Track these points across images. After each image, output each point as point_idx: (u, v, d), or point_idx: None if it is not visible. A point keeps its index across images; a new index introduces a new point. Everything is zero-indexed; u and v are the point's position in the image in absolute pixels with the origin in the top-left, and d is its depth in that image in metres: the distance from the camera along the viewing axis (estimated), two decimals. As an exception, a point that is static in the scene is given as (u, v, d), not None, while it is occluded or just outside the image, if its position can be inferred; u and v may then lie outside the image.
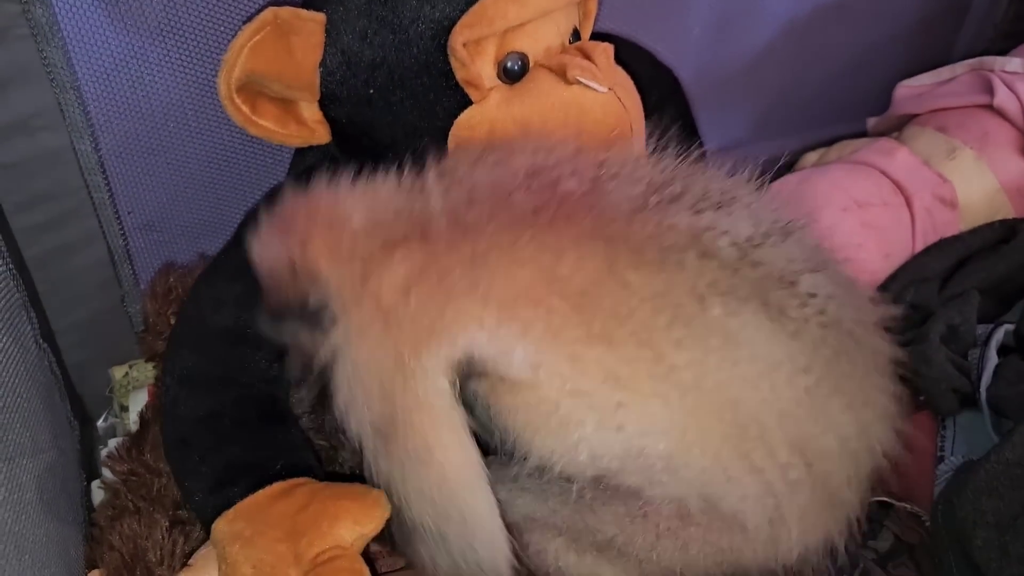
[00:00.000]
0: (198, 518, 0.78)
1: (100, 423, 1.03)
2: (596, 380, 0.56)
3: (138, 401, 0.97)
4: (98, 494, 0.90)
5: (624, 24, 0.88)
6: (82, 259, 0.92)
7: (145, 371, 0.98)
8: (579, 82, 0.76)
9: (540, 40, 0.79)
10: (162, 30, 0.83)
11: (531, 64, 0.78)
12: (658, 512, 0.62)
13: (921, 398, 0.95)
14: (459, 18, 0.74)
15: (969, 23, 1.39)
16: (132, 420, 0.96)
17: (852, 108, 1.33)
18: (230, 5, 0.84)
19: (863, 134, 1.29)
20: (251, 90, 0.77)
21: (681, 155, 0.68)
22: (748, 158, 1.26)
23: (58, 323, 0.95)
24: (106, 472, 0.88)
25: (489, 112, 0.77)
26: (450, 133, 0.77)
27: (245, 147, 0.94)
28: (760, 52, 1.23)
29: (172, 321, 0.91)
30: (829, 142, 1.29)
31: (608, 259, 0.57)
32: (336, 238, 0.65)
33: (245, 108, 0.77)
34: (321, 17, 0.76)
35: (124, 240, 0.93)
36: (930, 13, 1.33)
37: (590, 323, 0.56)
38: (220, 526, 0.73)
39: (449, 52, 0.75)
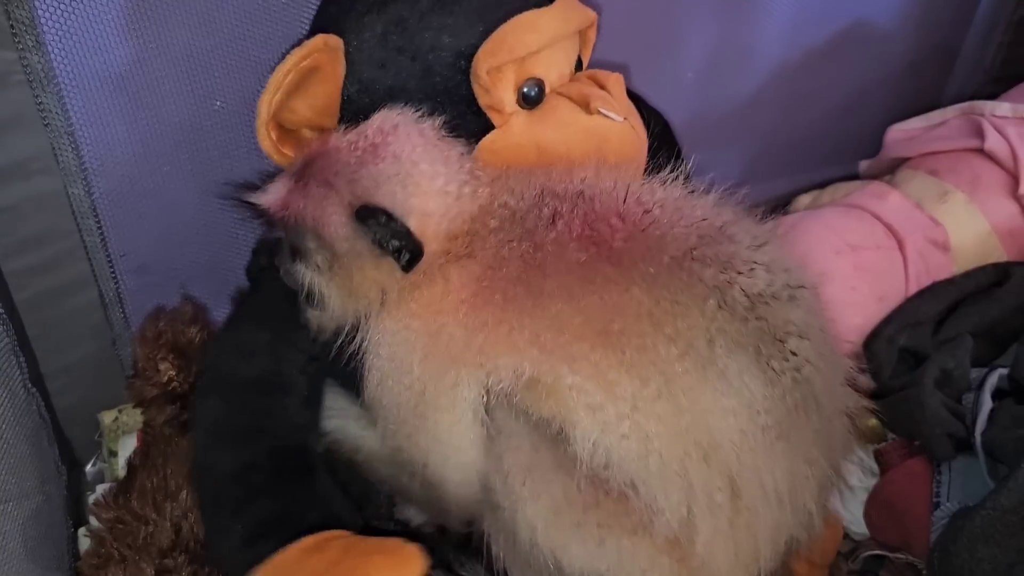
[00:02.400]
0: (228, 574, 0.77)
1: (88, 468, 1.02)
2: (617, 397, 0.66)
3: (127, 446, 0.96)
4: (84, 542, 0.89)
5: (617, 68, 0.89)
6: (73, 302, 0.92)
7: (134, 416, 0.97)
8: (600, 112, 0.80)
9: (554, 67, 0.82)
10: (157, 77, 0.83)
11: (546, 90, 0.81)
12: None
13: (916, 443, 0.95)
14: (475, 45, 0.77)
15: (959, 68, 1.40)
16: (120, 465, 0.95)
17: (844, 151, 1.34)
18: (223, 50, 0.85)
19: (855, 176, 1.30)
20: (274, 121, 0.79)
21: (723, 198, 0.75)
22: (742, 200, 1.30)
23: (48, 366, 0.94)
24: (92, 520, 0.87)
25: (512, 137, 0.80)
26: (472, 156, 0.79)
27: (238, 193, 0.93)
28: (752, 96, 1.24)
29: (160, 366, 0.91)
30: (821, 184, 1.30)
31: (647, 306, 0.66)
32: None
33: (274, 135, 0.79)
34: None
35: (116, 283, 0.93)
36: (920, 57, 1.34)
37: (621, 354, 0.66)
38: None
39: (472, 79, 0.77)
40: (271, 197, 0.75)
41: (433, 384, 0.72)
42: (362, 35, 0.77)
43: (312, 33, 0.79)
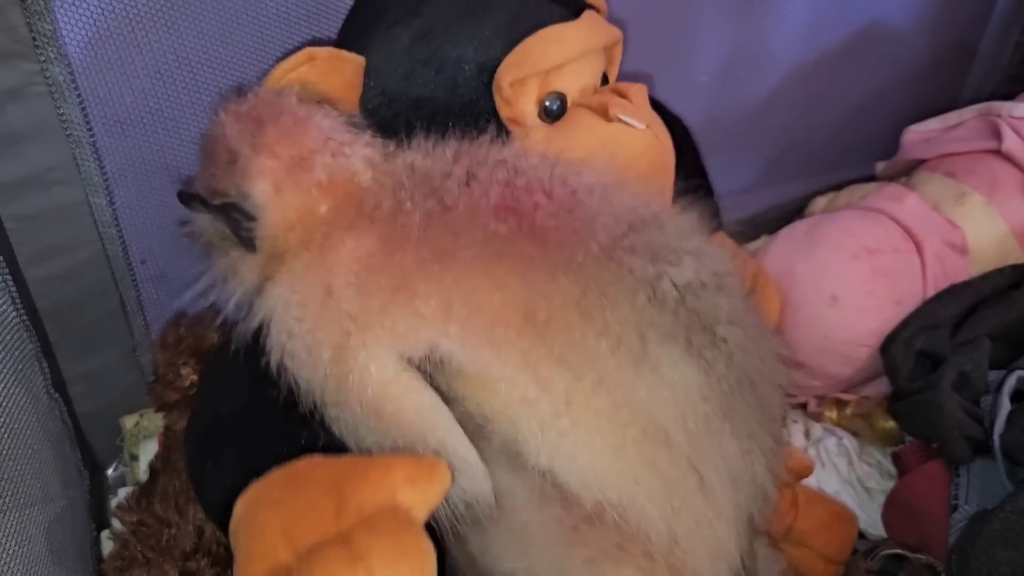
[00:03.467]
0: (215, 519, 0.74)
1: (110, 472, 1.04)
2: (551, 392, 0.63)
3: (148, 450, 0.97)
4: (107, 545, 0.91)
5: (632, 74, 0.90)
6: (95, 310, 0.93)
7: (155, 421, 0.99)
8: (620, 119, 0.79)
9: (577, 81, 0.82)
10: (176, 88, 0.84)
11: (569, 104, 0.81)
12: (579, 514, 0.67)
13: (934, 446, 0.95)
14: (500, 58, 0.77)
15: (976, 68, 1.39)
16: (142, 469, 0.96)
17: (860, 152, 1.33)
18: (242, 60, 0.86)
19: (872, 178, 1.30)
20: None
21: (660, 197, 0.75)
22: (755, 202, 1.30)
23: (70, 373, 0.95)
24: (115, 523, 0.88)
25: (532, 148, 0.78)
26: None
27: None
28: (768, 98, 1.24)
29: (182, 371, 0.91)
30: (838, 186, 1.30)
31: (575, 296, 0.64)
32: (303, 174, 0.71)
33: None
34: (361, 60, 0.79)
35: (136, 291, 0.94)
36: (936, 58, 1.34)
37: (550, 346, 0.63)
38: (242, 500, 0.65)
39: (495, 91, 0.77)
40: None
41: (330, 351, 0.65)
42: (389, 46, 0.78)
43: (337, 46, 0.80)
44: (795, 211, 1.32)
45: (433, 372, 0.66)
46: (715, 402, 0.66)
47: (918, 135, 1.22)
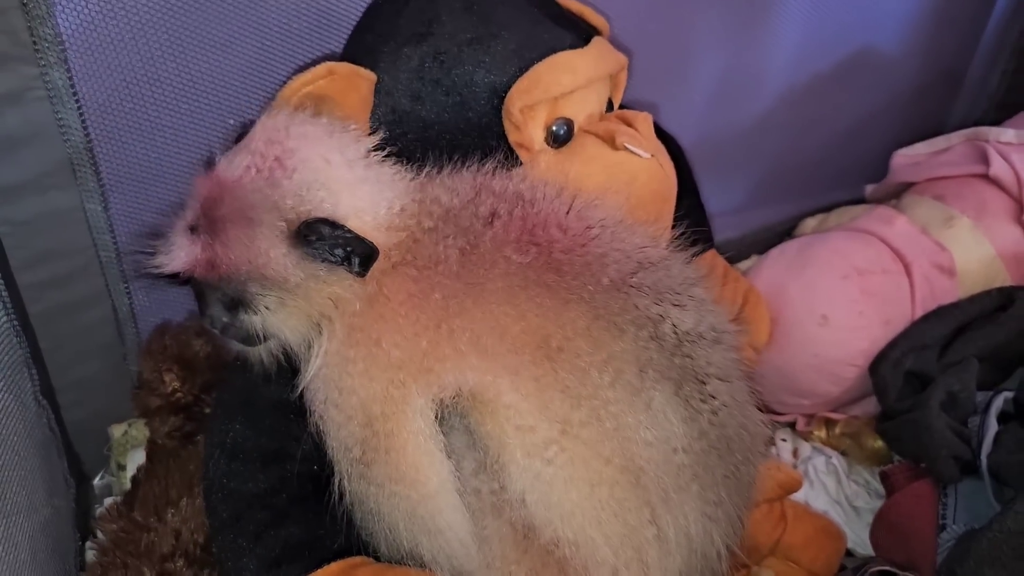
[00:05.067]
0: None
1: (97, 481, 1.03)
2: (550, 419, 0.65)
3: (136, 460, 0.97)
4: (92, 555, 0.89)
5: (628, 93, 0.90)
6: (86, 317, 0.92)
7: (144, 430, 0.98)
8: (626, 148, 0.80)
9: (585, 108, 0.82)
10: (176, 96, 0.84)
11: (575, 130, 0.81)
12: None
13: (922, 465, 0.95)
14: (509, 83, 0.77)
15: (964, 94, 1.42)
16: (129, 478, 0.95)
17: (850, 175, 1.35)
18: (243, 72, 0.86)
19: (861, 200, 1.31)
20: None
21: (669, 238, 0.76)
22: (746, 222, 1.31)
23: (59, 380, 0.95)
24: (98, 532, 0.88)
25: (540, 174, 0.79)
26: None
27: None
28: (760, 120, 1.25)
29: (165, 378, 0.91)
30: (828, 208, 1.31)
31: (587, 324, 0.66)
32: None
33: None
34: (373, 76, 0.78)
35: (129, 300, 0.94)
36: (926, 84, 1.36)
37: (557, 371, 0.65)
38: None
39: (504, 115, 0.78)
40: (180, 260, 0.69)
41: (379, 405, 0.67)
42: (398, 66, 0.78)
43: (344, 60, 0.80)
44: (785, 232, 1.33)
45: (452, 406, 0.67)
46: (692, 456, 0.67)
47: (907, 159, 1.23)
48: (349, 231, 0.67)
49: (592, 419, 0.65)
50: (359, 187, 0.69)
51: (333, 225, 0.66)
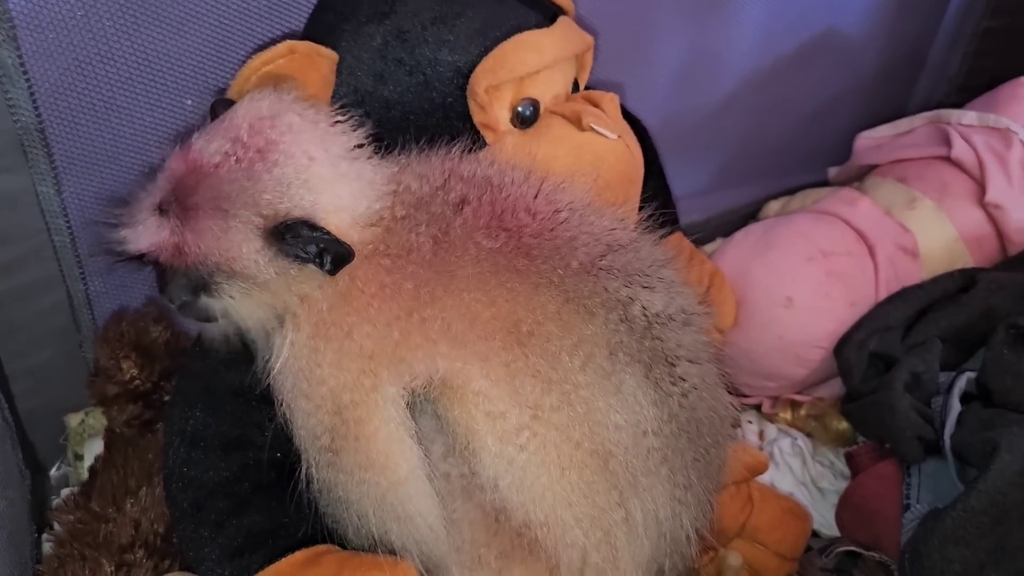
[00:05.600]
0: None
1: (53, 472, 1.00)
2: (521, 405, 0.65)
3: (93, 449, 0.94)
4: (49, 548, 0.87)
5: (591, 74, 0.90)
6: (40, 303, 0.90)
7: (101, 419, 0.96)
8: (593, 129, 0.79)
9: (550, 88, 0.81)
10: (131, 76, 0.82)
11: (541, 111, 0.80)
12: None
13: (886, 446, 0.96)
14: (474, 62, 0.76)
15: (925, 76, 1.43)
16: (87, 469, 0.93)
17: (813, 158, 1.35)
18: (200, 51, 0.84)
19: (824, 183, 1.32)
20: None
21: (637, 220, 0.75)
22: (710, 205, 1.31)
23: (12, 368, 0.92)
24: (55, 524, 0.86)
25: (505, 155, 0.78)
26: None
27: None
28: (723, 102, 1.25)
29: (123, 365, 0.89)
30: (791, 191, 1.31)
31: (557, 308, 0.66)
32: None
33: None
34: (334, 56, 0.77)
35: (84, 284, 0.91)
36: (888, 66, 1.36)
37: (527, 356, 0.65)
38: None
39: (469, 96, 0.76)
40: (145, 241, 0.66)
41: (349, 393, 0.66)
42: (360, 44, 0.77)
43: (305, 39, 0.78)
44: (749, 215, 1.33)
45: (422, 394, 0.67)
46: (661, 439, 0.67)
47: (870, 141, 1.24)
48: (327, 233, 0.65)
49: (563, 404, 0.65)
50: (340, 185, 0.67)
51: (312, 227, 0.65)
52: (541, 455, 0.65)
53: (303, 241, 0.65)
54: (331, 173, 0.67)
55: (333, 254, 0.65)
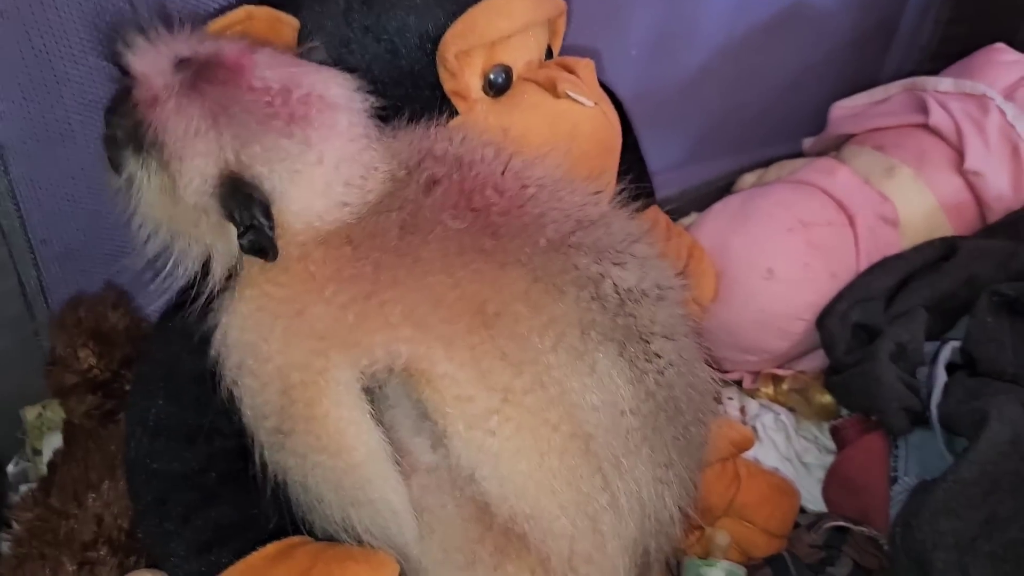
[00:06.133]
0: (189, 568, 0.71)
1: (11, 468, 0.96)
2: (489, 388, 0.62)
3: (52, 444, 0.91)
4: (6, 547, 0.84)
5: (563, 46, 0.88)
6: (-10, 292, 0.86)
7: (60, 411, 0.92)
8: (568, 96, 0.77)
9: (522, 54, 0.79)
10: (82, 47, 0.78)
11: (514, 78, 0.78)
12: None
13: (872, 418, 0.95)
14: (442, 28, 0.74)
15: (897, 44, 1.42)
16: (46, 464, 0.90)
17: (788, 129, 1.34)
18: (150, 22, 0.79)
19: (799, 154, 1.30)
20: None
21: (609, 194, 0.73)
22: (684, 179, 1.30)
23: (-38, 361, 0.88)
24: (14, 523, 0.83)
25: (477, 124, 0.76)
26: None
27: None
28: (696, 73, 1.23)
29: (80, 354, 0.86)
30: (766, 163, 1.30)
31: (525, 287, 0.64)
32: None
33: None
34: (295, 22, 0.74)
35: (37, 271, 0.88)
36: (860, 35, 1.35)
37: (495, 338, 0.62)
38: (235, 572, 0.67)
39: (439, 62, 0.74)
40: (142, 66, 0.64)
41: (298, 373, 0.64)
42: (324, 11, 0.74)
43: (263, 5, 0.75)
44: (724, 188, 1.32)
45: (383, 380, 0.64)
46: (639, 418, 0.65)
47: (845, 110, 1.22)
48: (270, 226, 0.64)
49: (535, 385, 0.62)
50: (320, 197, 0.66)
51: (264, 210, 0.64)
52: (516, 441, 0.63)
53: (244, 212, 0.63)
54: (322, 184, 0.66)
55: (257, 244, 0.64)
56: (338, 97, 0.68)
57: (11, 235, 0.84)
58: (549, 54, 0.85)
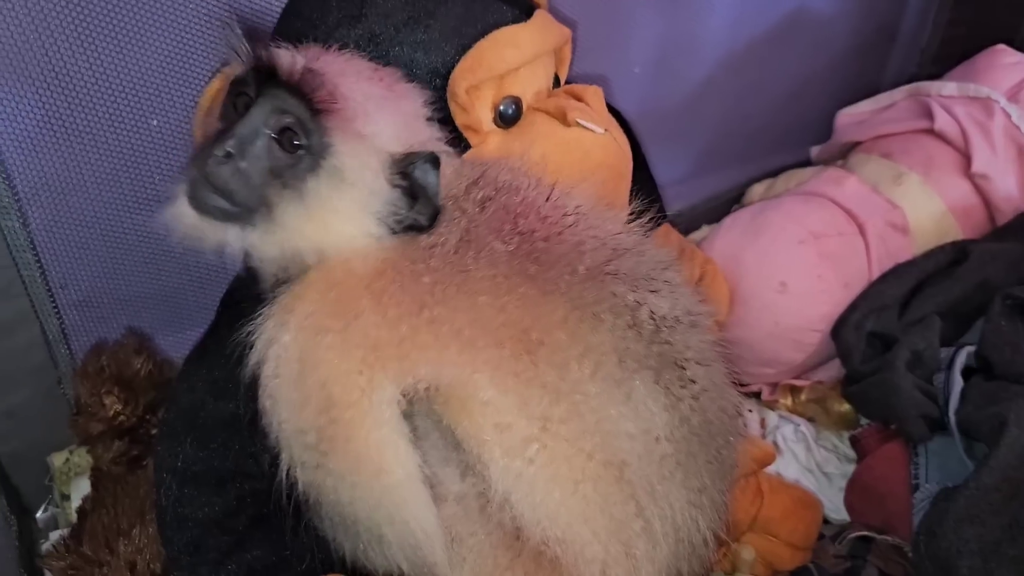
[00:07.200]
0: None
1: (40, 514, 0.97)
2: (529, 416, 0.62)
3: (80, 489, 0.91)
4: (39, 594, 0.85)
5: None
6: (13, 341, 0.87)
7: (87, 457, 0.92)
8: (578, 124, 0.77)
9: (532, 84, 0.79)
10: (91, 98, 0.79)
11: (524, 108, 0.78)
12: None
13: (891, 427, 0.95)
14: (450, 63, 0.74)
15: (898, 49, 1.42)
16: (75, 509, 0.90)
17: (794, 137, 1.34)
18: (161, 67, 0.81)
19: (806, 163, 1.30)
20: None
21: (639, 222, 0.73)
22: (693, 192, 1.30)
23: (-11, 411, 0.89)
24: (46, 572, 0.83)
25: (490, 155, 0.76)
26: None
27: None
28: (700, 87, 1.24)
29: (105, 401, 0.86)
30: (774, 172, 1.30)
31: (565, 315, 0.64)
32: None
33: None
34: None
35: (59, 319, 0.89)
36: (861, 41, 1.36)
37: (537, 366, 0.62)
38: None
39: (450, 98, 0.74)
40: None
41: (341, 388, 0.63)
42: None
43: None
44: (733, 199, 1.32)
45: (413, 412, 0.64)
46: (674, 444, 0.65)
47: (851, 118, 1.23)
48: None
49: (572, 415, 0.62)
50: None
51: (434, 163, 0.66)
52: (551, 468, 0.63)
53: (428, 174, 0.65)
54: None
55: (421, 219, 0.65)
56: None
57: (32, 285, 0.85)
58: (557, 83, 0.85)
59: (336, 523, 0.67)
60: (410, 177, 0.65)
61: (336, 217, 0.64)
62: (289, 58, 0.62)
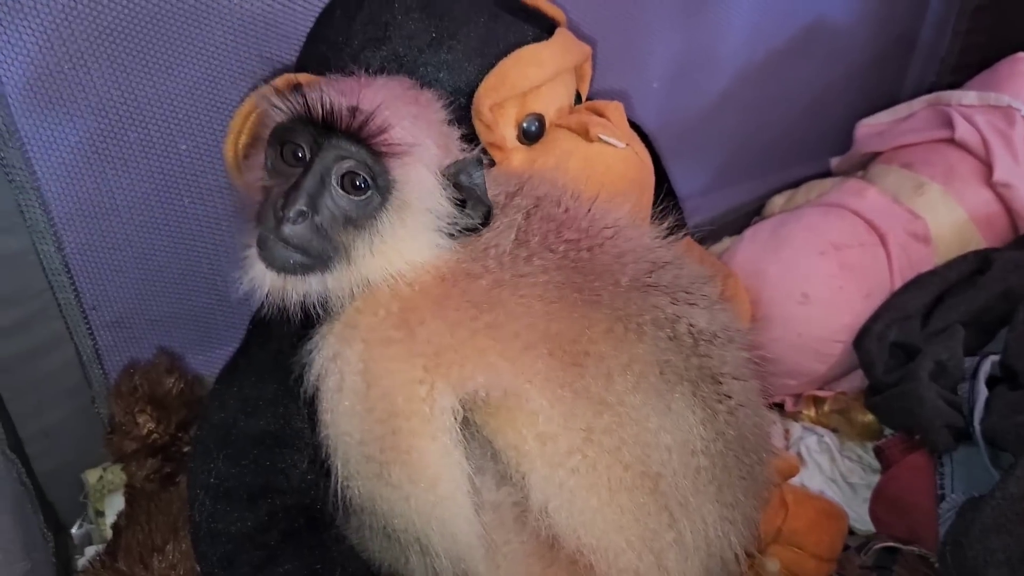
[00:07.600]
0: None
1: (75, 530, 0.99)
2: (574, 427, 0.63)
3: (114, 505, 0.93)
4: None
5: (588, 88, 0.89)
6: (49, 362, 0.89)
7: (120, 474, 0.94)
8: (600, 139, 0.79)
9: (554, 101, 0.81)
10: (123, 125, 0.81)
11: (546, 125, 0.80)
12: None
13: (916, 437, 0.95)
14: (474, 81, 0.75)
15: (917, 58, 1.42)
16: (109, 525, 0.92)
17: (812, 149, 1.34)
18: (190, 94, 0.83)
19: (827, 174, 1.31)
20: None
21: (676, 236, 0.74)
22: (714, 205, 1.31)
23: (26, 430, 0.91)
24: (82, 588, 0.85)
25: (521, 170, 0.77)
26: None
27: (213, 237, 0.91)
28: (719, 100, 1.24)
29: (139, 420, 0.88)
30: (794, 184, 1.30)
31: (610, 326, 0.65)
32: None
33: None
34: None
35: (92, 339, 0.90)
36: (880, 51, 1.36)
37: (583, 377, 0.63)
38: None
39: (474, 116, 0.76)
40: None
41: (403, 398, 0.64)
42: (358, 72, 0.75)
43: (299, 71, 0.77)
44: (754, 211, 1.33)
45: (470, 410, 0.65)
46: (709, 458, 0.66)
47: (871, 128, 1.23)
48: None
49: (615, 425, 0.63)
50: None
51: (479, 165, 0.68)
52: (591, 478, 0.63)
53: (476, 183, 0.67)
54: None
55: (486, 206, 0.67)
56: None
57: (66, 308, 0.86)
58: (578, 99, 0.86)
59: (382, 535, 0.69)
60: (458, 183, 0.67)
61: (408, 244, 0.66)
62: (339, 104, 0.63)
